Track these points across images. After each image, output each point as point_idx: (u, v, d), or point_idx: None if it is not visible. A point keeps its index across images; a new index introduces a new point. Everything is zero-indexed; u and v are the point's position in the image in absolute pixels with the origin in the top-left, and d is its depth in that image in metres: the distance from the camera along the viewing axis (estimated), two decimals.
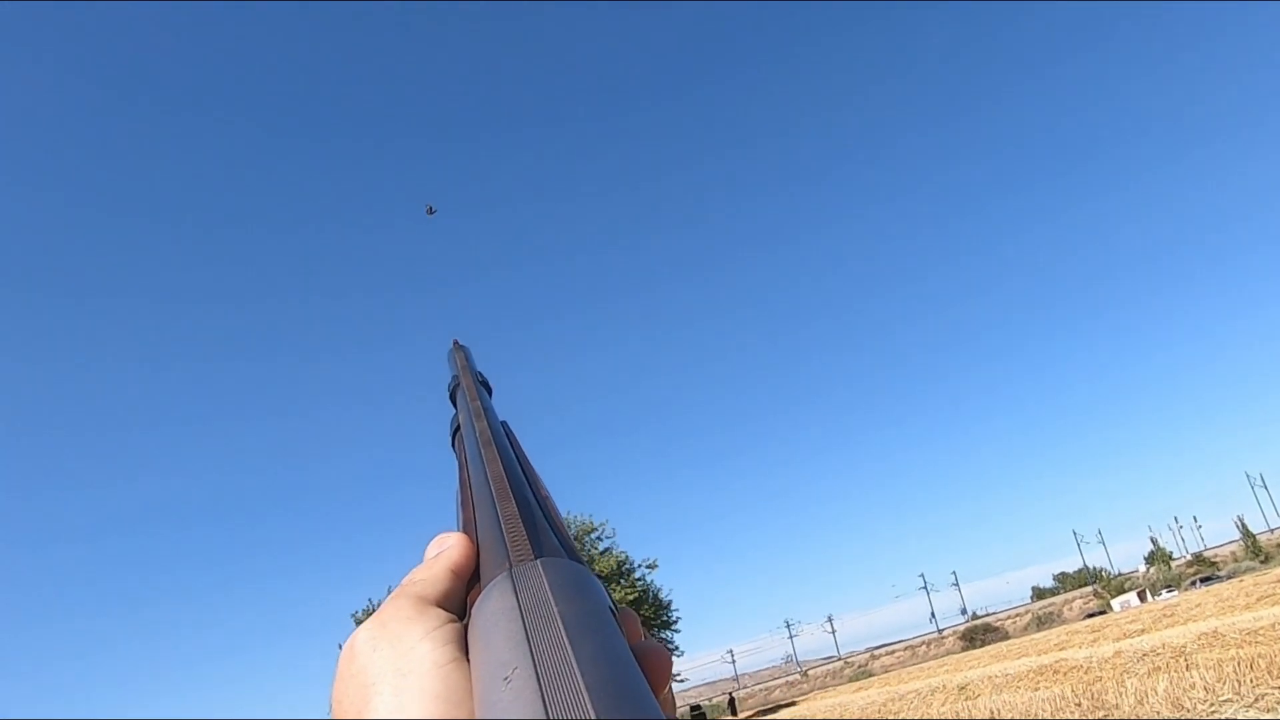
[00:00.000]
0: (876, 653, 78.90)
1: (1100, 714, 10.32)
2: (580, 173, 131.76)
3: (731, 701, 53.38)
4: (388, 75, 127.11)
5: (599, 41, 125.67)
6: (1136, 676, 11.45)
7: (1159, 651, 13.81)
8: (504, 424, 0.64)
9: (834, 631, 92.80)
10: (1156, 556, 74.04)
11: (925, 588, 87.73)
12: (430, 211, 22.53)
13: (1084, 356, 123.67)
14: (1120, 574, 78.42)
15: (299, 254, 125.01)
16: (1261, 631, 11.28)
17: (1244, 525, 68.59)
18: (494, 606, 0.38)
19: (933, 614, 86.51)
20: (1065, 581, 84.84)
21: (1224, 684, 9.28)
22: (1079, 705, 11.62)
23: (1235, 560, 64.55)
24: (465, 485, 0.56)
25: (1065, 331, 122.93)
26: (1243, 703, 8.43)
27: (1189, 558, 74.42)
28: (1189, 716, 8.44)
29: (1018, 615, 75.16)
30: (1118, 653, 15.82)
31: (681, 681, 53.82)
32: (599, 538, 48.04)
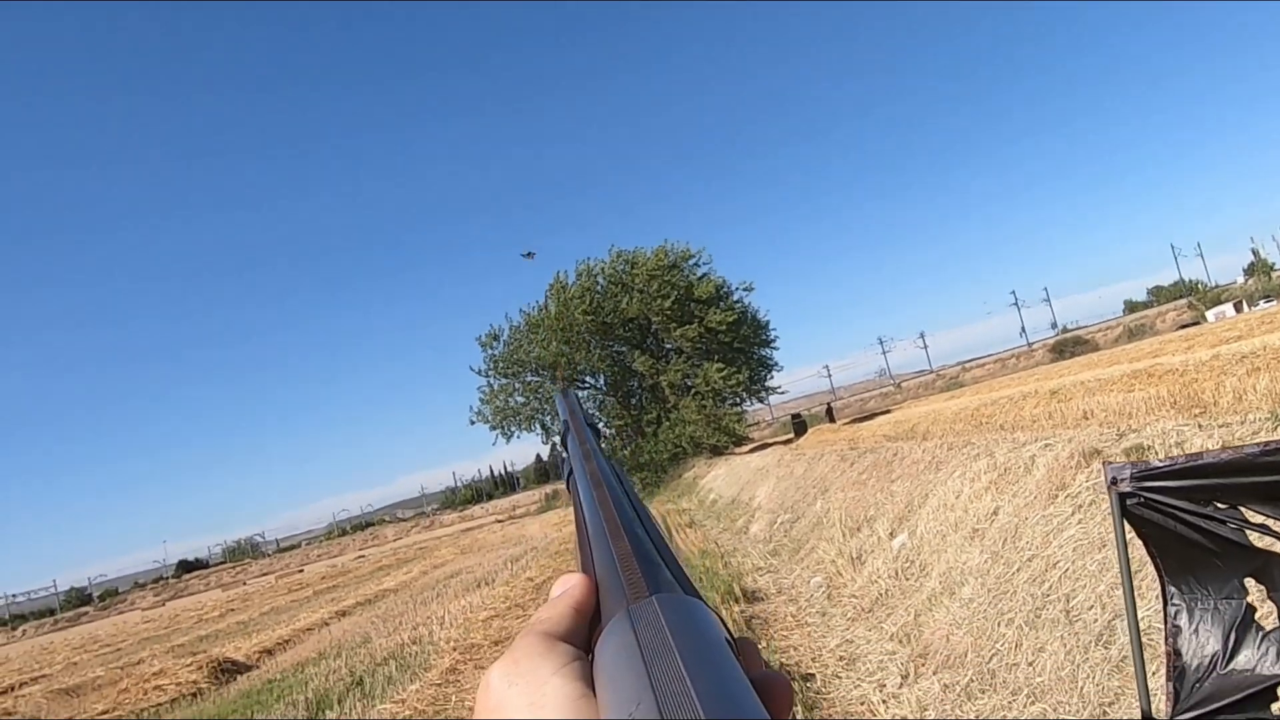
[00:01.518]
0: (967, 366, 79.62)
1: (1196, 411, 10.36)
2: None
3: (829, 411, 55.21)
4: None
5: None
6: (1235, 377, 11.31)
7: (1259, 353, 13.52)
8: (612, 464, 0.64)
9: (926, 347, 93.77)
10: (1257, 267, 70.69)
11: (1016, 304, 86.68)
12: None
13: (1184, 57, 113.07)
14: (1217, 286, 75.55)
15: None
16: None
17: None
18: (615, 644, 0.39)
19: (1023, 328, 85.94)
20: (1159, 295, 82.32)
21: None
22: (1174, 404, 11.66)
23: None
24: (581, 526, 0.57)
25: (1163, 31, 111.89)
26: None
27: None
28: None
29: (1109, 328, 73.93)
30: (1215, 356, 15.57)
31: (782, 394, 55.63)
32: (696, 264, 48.36)
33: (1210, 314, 58.10)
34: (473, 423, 49.72)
